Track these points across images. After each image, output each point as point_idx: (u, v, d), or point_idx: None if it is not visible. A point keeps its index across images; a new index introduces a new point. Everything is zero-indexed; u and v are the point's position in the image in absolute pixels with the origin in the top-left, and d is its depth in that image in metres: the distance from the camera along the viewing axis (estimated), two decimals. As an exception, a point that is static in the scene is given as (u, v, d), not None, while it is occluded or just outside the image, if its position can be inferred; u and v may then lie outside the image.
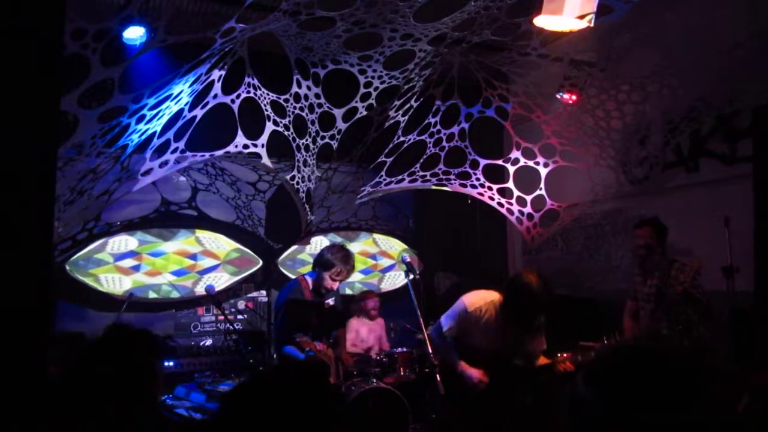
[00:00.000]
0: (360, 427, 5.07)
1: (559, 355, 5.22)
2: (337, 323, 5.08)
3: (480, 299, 3.97)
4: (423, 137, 6.88)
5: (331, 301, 4.78)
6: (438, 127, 6.86)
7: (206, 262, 6.83)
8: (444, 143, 6.96)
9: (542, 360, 4.07)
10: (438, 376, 3.92)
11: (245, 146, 5.66)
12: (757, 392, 3.18)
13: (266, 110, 5.76)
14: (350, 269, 4.60)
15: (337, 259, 4.52)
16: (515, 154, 6.95)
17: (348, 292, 7.40)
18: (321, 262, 4.57)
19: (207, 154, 5.62)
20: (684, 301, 4.54)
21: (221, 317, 6.16)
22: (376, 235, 8.04)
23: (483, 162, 7.07)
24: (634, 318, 5.07)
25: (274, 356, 5.16)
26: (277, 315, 4.61)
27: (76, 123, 4.09)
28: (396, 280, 7.99)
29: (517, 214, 7.10)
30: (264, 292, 7.00)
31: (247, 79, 5.49)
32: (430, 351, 4.03)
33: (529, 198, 6.98)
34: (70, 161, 4.70)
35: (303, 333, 4.43)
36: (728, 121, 5.77)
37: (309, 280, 4.67)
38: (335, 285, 4.63)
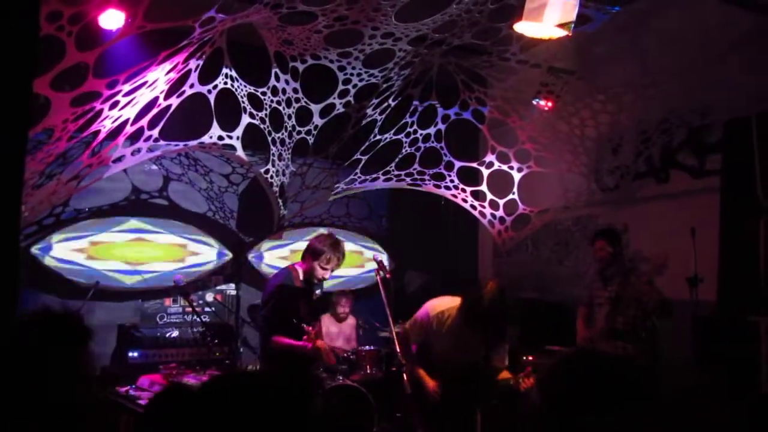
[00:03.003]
0: (326, 424, 5.07)
1: (524, 359, 5.30)
2: (318, 315, 5.08)
3: (443, 305, 3.99)
4: (399, 137, 6.89)
5: (318, 292, 4.76)
6: (414, 127, 6.88)
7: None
8: (420, 143, 6.98)
9: (504, 374, 4.07)
10: (405, 375, 3.93)
11: (220, 137, 5.60)
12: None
13: (243, 102, 5.71)
14: (340, 257, 4.53)
15: (326, 246, 4.46)
16: (490, 157, 7.00)
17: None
18: (310, 251, 4.51)
19: (181, 144, 5.55)
20: (641, 302, 4.78)
21: (189, 309, 6.09)
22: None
23: (458, 164, 7.11)
24: (587, 322, 5.22)
25: (257, 346, 5.08)
26: (267, 302, 4.52)
27: (48, 106, 4.02)
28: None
29: (489, 216, 7.16)
30: (233, 285, 6.94)
31: (224, 70, 5.44)
32: (398, 350, 4.04)
33: (501, 201, 7.04)
34: (40, 145, 4.61)
35: (297, 322, 4.39)
36: (698, 134, 5.90)
37: (299, 269, 4.62)
38: (326, 274, 4.55)
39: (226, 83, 5.50)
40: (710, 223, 5.47)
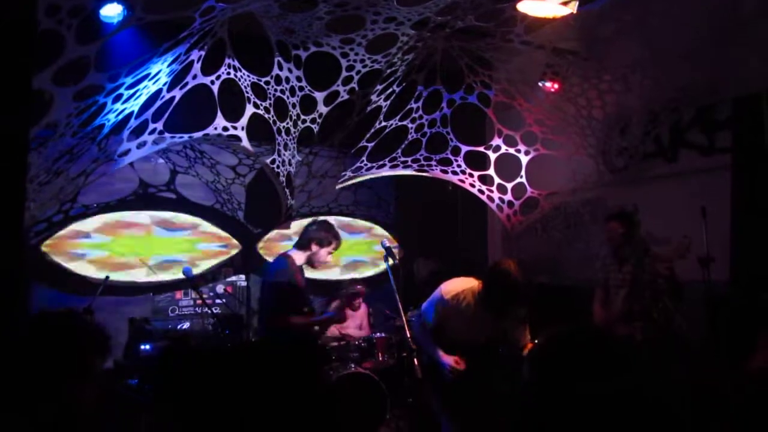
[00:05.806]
0: (338, 412, 5.08)
1: (535, 342, 5.26)
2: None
3: (457, 287, 3.98)
4: (405, 123, 6.85)
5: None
6: (420, 112, 6.84)
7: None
8: (426, 129, 6.94)
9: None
10: (415, 360, 3.93)
11: (225, 128, 5.58)
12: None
13: (247, 92, 5.68)
14: (340, 242, 4.79)
15: (332, 235, 4.69)
16: (497, 141, 6.95)
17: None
18: (317, 239, 4.66)
19: (186, 136, 5.54)
20: (654, 283, 4.74)
21: (199, 301, 6.11)
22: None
23: (464, 148, 7.06)
24: (604, 305, 5.18)
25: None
26: (270, 293, 4.61)
27: (51, 101, 4.00)
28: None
29: (497, 201, 7.12)
30: (243, 277, 6.95)
31: (227, 60, 5.41)
32: (409, 336, 4.04)
33: (509, 185, 7.00)
34: (46, 141, 4.60)
35: (303, 309, 4.56)
36: (707, 113, 5.81)
37: (296, 256, 4.68)
38: (330, 258, 4.78)
39: (229, 73, 5.47)
40: (721, 201, 5.40)
